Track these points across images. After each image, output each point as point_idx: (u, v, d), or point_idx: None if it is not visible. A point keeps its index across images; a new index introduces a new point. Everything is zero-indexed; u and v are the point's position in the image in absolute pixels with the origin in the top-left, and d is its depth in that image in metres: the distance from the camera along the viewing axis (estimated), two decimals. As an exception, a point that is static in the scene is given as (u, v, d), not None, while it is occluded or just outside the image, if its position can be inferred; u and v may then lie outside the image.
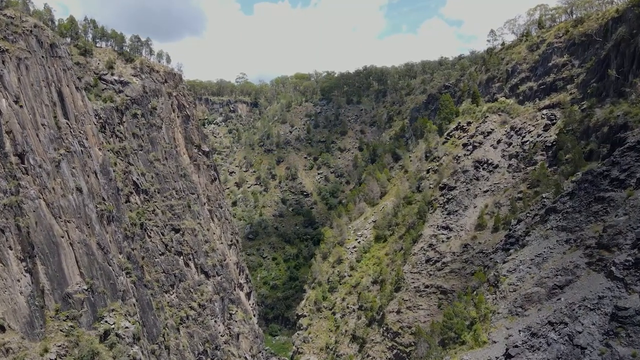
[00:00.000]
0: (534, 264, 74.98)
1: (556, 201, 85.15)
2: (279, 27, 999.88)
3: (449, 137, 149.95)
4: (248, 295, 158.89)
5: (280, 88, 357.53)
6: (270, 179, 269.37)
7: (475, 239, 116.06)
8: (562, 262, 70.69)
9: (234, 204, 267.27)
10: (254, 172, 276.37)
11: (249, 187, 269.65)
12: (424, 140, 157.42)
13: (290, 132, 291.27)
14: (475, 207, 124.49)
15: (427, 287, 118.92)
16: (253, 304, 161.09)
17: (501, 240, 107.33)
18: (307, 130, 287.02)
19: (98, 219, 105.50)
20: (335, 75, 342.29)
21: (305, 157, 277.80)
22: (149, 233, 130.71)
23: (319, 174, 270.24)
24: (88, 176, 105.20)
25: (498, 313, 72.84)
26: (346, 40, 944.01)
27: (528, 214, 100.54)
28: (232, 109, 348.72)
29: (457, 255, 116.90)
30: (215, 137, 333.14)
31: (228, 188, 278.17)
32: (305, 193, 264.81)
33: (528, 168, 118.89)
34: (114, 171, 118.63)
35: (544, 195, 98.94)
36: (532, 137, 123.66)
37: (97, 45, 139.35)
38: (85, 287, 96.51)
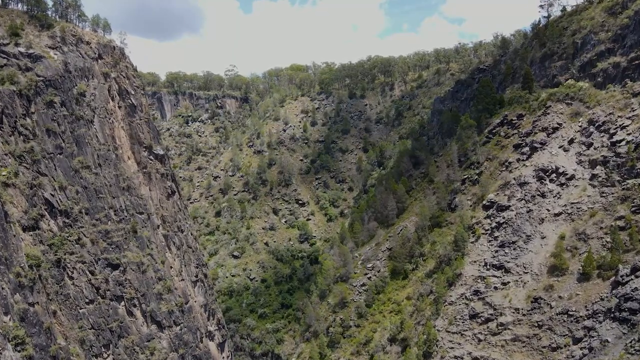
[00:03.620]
0: None
1: None
2: (278, 25, 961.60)
3: (491, 136, 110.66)
4: (221, 345, 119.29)
5: (274, 81, 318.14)
6: (260, 185, 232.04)
7: (552, 289, 76.41)
8: None
9: (218, 214, 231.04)
10: (242, 176, 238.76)
11: (235, 195, 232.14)
12: (455, 139, 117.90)
13: (284, 131, 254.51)
14: (543, 237, 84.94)
15: (475, 359, 79.13)
16: (228, 357, 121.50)
17: (603, 298, 67.71)
18: (304, 128, 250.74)
19: (-36, 263, 66.47)
20: (336, 66, 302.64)
21: (301, 160, 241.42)
22: (69, 273, 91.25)
23: (316, 179, 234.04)
24: (-53, 196, 66.28)
25: None
26: (346, 38, 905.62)
27: (655, 260, 60.82)
28: (219, 104, 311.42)
29: (524, 314, 77.21)
30: (200, 136, 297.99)
31: (212, 195, 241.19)
32: (300, 202, 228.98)
33: (629, 181, 79.16)
34: (8, 185, 79.17)
35: (685, 230, 59.06)
36: (628, 134, 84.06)
37: (7, 7, 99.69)
38: (-61, 374, 59.10)
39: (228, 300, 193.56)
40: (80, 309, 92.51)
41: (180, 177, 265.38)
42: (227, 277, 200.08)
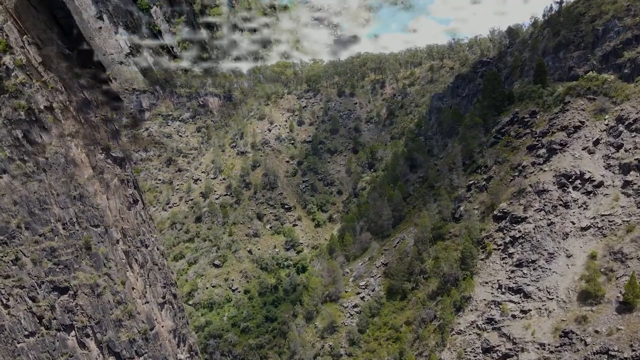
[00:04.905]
0: None
1: None
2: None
3: (500, 136, 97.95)
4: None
5: (258, 78, 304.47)
6: (243, 189, 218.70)
7: (585, 321, 63.34)
8: None
9: (198, 219, 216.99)
10: (224, 179, 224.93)
11: (217, 199, 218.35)
12: (458, 140, 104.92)
13: (269, 131, 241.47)
14: (569, 256, 72.06)
15: (492, 404, 65.91)
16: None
17: (655, 338, 54.69)
18: (290, 128, 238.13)
19: None
20: (324, 63, 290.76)
21: (287, 161, 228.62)
22: (4, 300, 76.03)
23: (303, 182, 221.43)
24: None
25: None
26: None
27: None
28: (201, 103, 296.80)
29: (552, 351, 64.12)
30: (180, 136, 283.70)
31: (192, 199, 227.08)
32: (286, 206, 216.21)
33: (673, 190, 66.60)
34: None
35: None
36: (668, 134, 71.49)
37: None
38: None
39: (208, 314, 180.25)
40: (18, 343, 77.20)
41: (159, 180, 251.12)
42: (207, 288, 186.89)
